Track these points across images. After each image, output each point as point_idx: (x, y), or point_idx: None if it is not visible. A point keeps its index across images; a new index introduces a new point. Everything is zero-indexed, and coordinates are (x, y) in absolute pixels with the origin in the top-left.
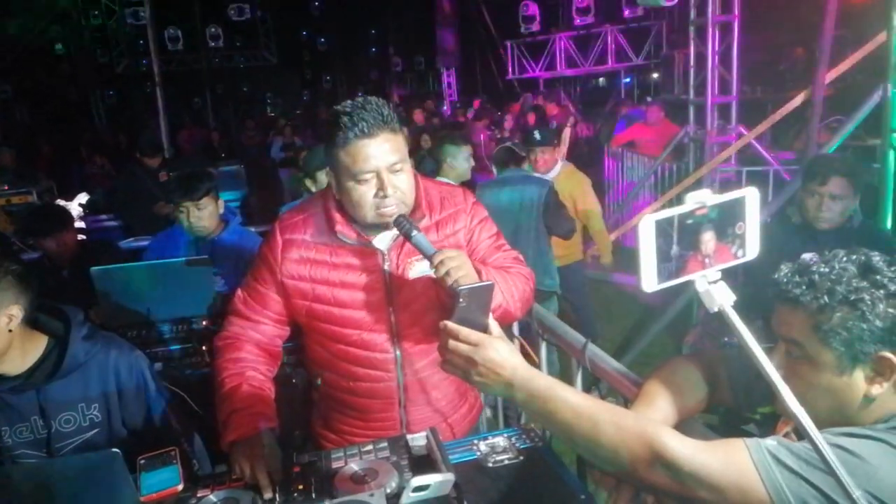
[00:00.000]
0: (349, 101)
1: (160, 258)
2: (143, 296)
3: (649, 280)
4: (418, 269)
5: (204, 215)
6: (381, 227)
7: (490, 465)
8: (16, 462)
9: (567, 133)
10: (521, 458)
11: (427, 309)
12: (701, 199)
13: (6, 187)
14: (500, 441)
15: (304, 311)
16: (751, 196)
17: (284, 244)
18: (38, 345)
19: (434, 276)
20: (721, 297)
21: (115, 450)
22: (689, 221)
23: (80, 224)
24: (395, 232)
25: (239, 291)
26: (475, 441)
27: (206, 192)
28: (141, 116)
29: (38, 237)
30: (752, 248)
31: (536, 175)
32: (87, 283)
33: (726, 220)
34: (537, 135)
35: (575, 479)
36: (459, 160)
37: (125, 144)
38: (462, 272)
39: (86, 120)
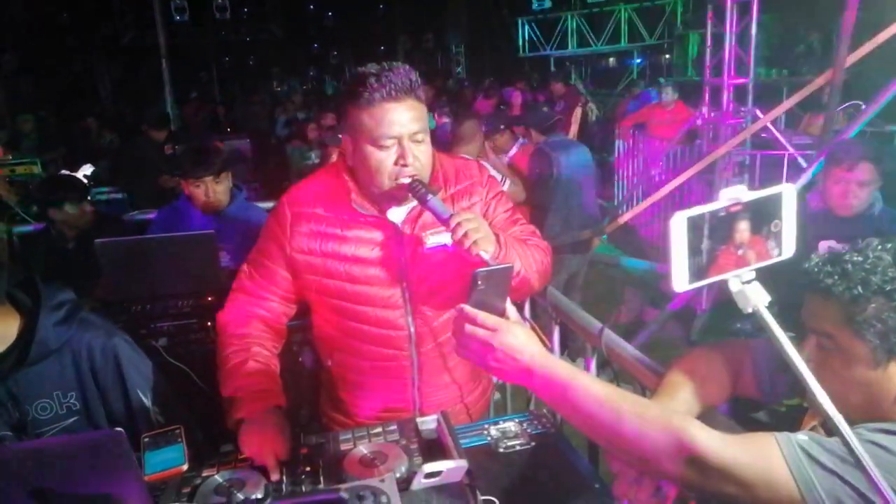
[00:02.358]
0: (375, 64)
1: (166, 232)
2: (148, 269)
3: (681, 279)
4: (433, 241)
5: (221, 189)
6: (395, 200)
7: (501, 450)
8: (3, 441)
9: (577, 113)
10: (533, 443)
11: (442, 284)
12: (735, 195)
13: (9, 157)
14: (512, 426)
15: (315, 287)
16: (787, 193)
17: (293, 217)
18: (10, 325)
19: (451, 239)
20: (755, 298)
21: (119, 429)
22: (722, 217)
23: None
24: (409, 206)
25: (244, 266)
26: (486, 426)
27: (223, 166)
28: (146, 89)
29: (53, 206)
30: (788, 247)
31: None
32: (92, 256)
33: (761, 218)
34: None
35: (588, 466)
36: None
37: (130, 117)
38: (480, 234)
39: (91, 92)
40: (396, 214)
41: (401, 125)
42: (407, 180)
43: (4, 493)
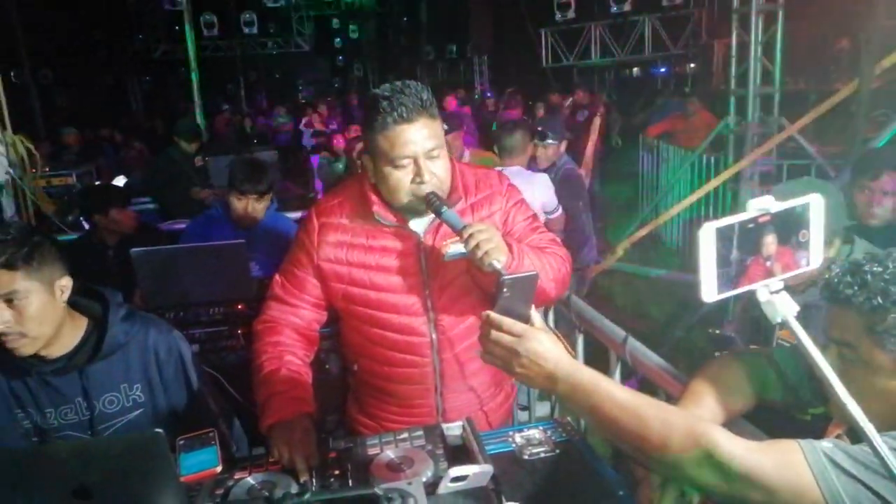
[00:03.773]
0: (388, 85)
1: (198, 239)
2: (181, 278)
3: (709, 289)
4: (453, 250)
5: (260, 207)
6: (417, 212)
7: (526, 457)
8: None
9: (595, 123)
10: (557, 451)
11: (463, 292)
12: (764, 205)
13: (46, 169)
14: (536, 433)
15: (341, 295)
16: (815, 203)
17: (321, 227)
18: (79, 326)
19: (465, 249)
20: (784, 308)
21: (158, 430)
22: (751, 228)
23: None
24: (430, 217)
25: (277, 276)
26: (510, 433)
27: (270, 187)
28: (176, 101)
29: (99, 211)
30: (816, 257)
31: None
32: (130, 264)
33: (790, 228)
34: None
35: (613, 474)
36: None
37: (161, 129)
38: (492, 244)
39: (122, 105)
40: (418, 225)
41: (415, 144)
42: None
43: (50, 490)
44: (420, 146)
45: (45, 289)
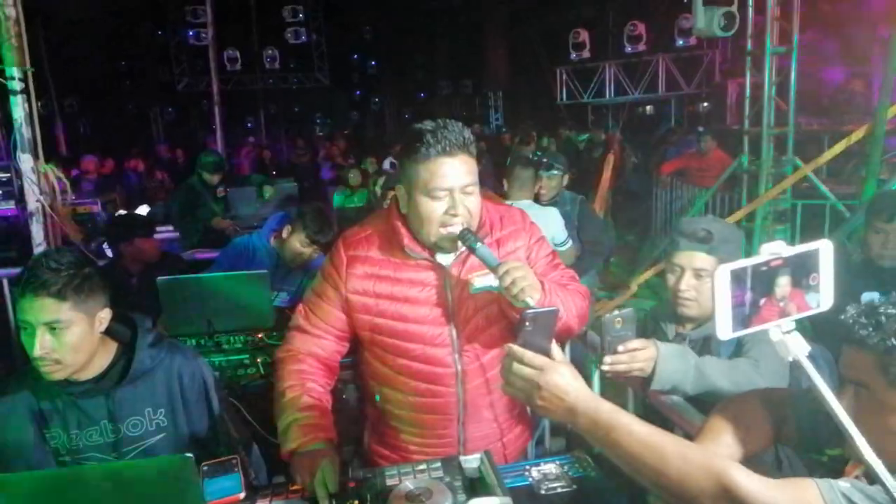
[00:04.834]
0: (430, 121)
1: (233, 260)
2: (205, 306)
3: (724, 328)
4: (479, 283)
5: (311, 252)
6: (444, 248)
7: (543, 492)
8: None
9: (609, 159)
10: (574, 486)
11: (488, 323)
12: (776, 250)
13: (74, 197)
14: (553, 468)
15: (368, 326)
16: (824, 248)
17: (349, 260)
18: (109, 350)
19: (500, 285)
20: (795, 348)
21: (188, 455)
22: (764, 271)
23: None
24: (457, 251)
25: (300, 307)
26: (527, 467)
27: (333, 240)
28: (197, 133)
29: (125, 240)
30: (826, 299)
31: None
32: (154, 291)
33: (800, 271)
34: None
35: None
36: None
37: (182, 159)
38: (527, 282)
39: (145, 135)
40: (445, 258)
41: (454, 178)
42: (456, 230)
43: None
44: (457, 180)
45: (87, 320)
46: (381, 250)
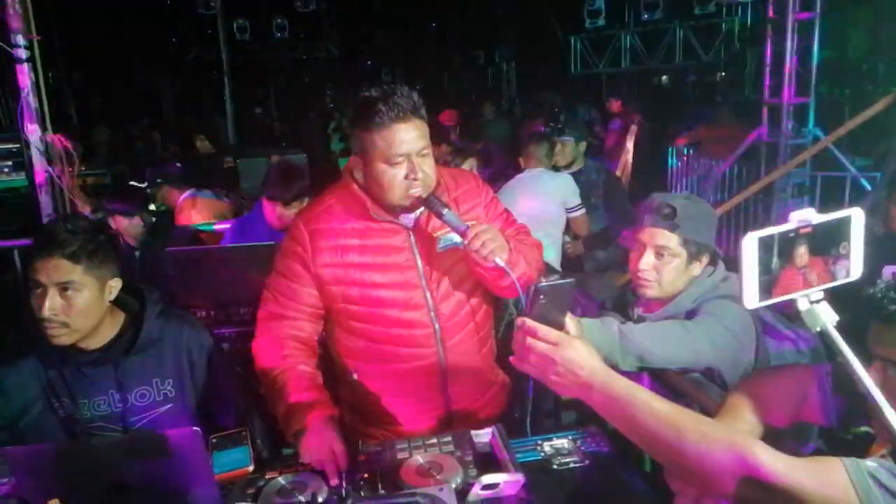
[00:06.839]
0: (377, 88)
1: (239, 236)
2: (213, 278)
3: (751, 297)
4: (445, 241)
5: (289, 214)
6: (405, 209)
7: (555, 466)
8: (93, 434)
9: (633, 131)
10: (587, 461)
11: (459, 280)
12: (805, 217)
13: (82, 168)
14: (565, 443)
15: (341, 297)
16: (856, 216)
17: (312, 235)
18: (117, 320)
19: (469, 248)
20: (824, 317)
21: (195, 428)
22: (791, 237)
23: (151, 206)
24: (418, 211)
25: (266, 293)
26: (539, 441)
27: (300, 194)
28: (206, 104)
29: (111, 217)
30: (856, 268)
31: None
32: (157, 264)
33: (830, 240)
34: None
35: (645, 488)
36: None
37: (191, 130)
38: (496, 243)
39: (154, 106)
40: (408, 219)
41: (409, 143)
42: (416, 191)
43: (91, 481)
44: (414, 145)
45: (98, 286)
46: (345, 220)
